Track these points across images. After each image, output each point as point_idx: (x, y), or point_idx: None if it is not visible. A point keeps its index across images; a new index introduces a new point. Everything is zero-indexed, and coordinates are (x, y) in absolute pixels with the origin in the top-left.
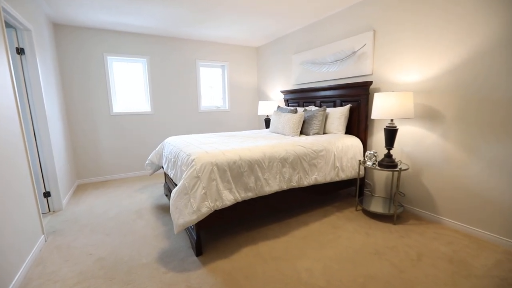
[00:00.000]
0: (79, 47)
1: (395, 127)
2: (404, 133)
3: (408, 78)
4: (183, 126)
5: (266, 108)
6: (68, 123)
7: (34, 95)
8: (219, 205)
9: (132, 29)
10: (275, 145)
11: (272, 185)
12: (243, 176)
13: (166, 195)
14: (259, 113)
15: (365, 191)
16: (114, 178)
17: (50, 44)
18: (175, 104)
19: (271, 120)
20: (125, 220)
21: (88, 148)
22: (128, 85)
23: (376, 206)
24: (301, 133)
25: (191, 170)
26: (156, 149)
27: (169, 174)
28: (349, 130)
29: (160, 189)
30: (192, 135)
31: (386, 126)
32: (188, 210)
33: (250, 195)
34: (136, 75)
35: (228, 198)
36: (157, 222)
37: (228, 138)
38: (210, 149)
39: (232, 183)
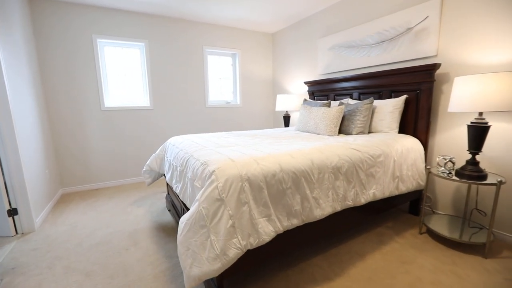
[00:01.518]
0: (63, 27)
1: (486, 123)
2: (492, 132)
3: (496, 58)
4: (188, 124)
5: (286, 102)
6: (48, 121)
7: None
8: (253, 242)
9: (127, 6)
10: (322, 148)
11: (324, 206)
12: (285, 195)
13: (169, 210)
14: (277, 109)
15: (423, 207)
16: (106, 186)
17: (21, 19)
18: (179, 98)
19: (299, 116)
20: (115, 249)
21: (74, 150)
22: (123, 75)
23: (450, 229)
24: (340, 132)
25: (210, 189)
26: (157, 152)
27: (173, 187)
28: (401, 129)
29: (161, 201)
30: (203, 134)
31: (473, 122)
32: (208, 253)
33: (295, 222)
34: (132, 64)
35: (266, 230)
36: (157, 252)
37: (252, 138)
38: (235, 155)
39: (270, 206)
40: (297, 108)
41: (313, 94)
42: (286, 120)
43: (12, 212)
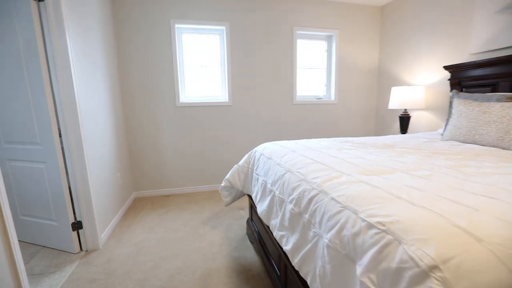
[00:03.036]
0: (140, 12)
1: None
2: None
3: None
4: (271, 124)
5: (404, 97)
6: (123, 118)
7: (60, 75)
8: None
9: None
10: None
11: None
12: None
13: (252, 243)
14: (391, 106)
15: None
16: (179, 192)
17: (98, 2)
18: (261, 93)
19: (453, 118)
20: None
21: (147, 151)
22: (200, 67)
23: None
24: None
25: None
26: (240, 163)
27: (264, 221)
28: None
29: (240, 223)
30: (304, 141)
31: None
32: None
33: None
34: (210, 53)
35: None
36: None
37: (390, 151)
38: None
39: None
40: (421, 106)
41: (459, 85)
42: (404, 122)
43: (77, 226)
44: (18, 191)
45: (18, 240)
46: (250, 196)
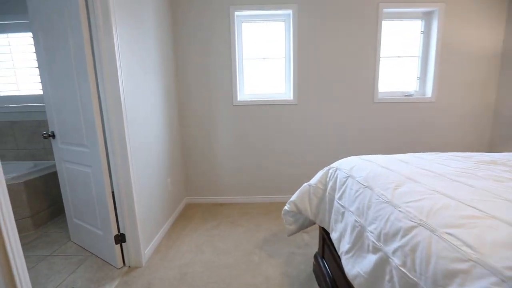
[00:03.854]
0: (197, 0)
1: None
2: None
3: None
4: (347, 126)
5: None
6: (178, 118)
7: (105, 74)
8: None
9: None
10: None
11: None
12: None
13: (319, 285)
14: None
15: None
16: (233, 201)
17: None
18: (334, 89)
19: None
20: None
21: (201, 154)
22: (261, 60)
23: None
24: None
25: None
26: (312, 182)
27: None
28: None
29: (303, 253)
30: (417, 157)
31: None
32: None
33: None
34: (273, 44)
35: None
36: None
37: None
38: None
39: None
40: None
41: None
42: None
43: (120, 239)
44: (71, 193)
45: (73, 242)
46: (326, 231)
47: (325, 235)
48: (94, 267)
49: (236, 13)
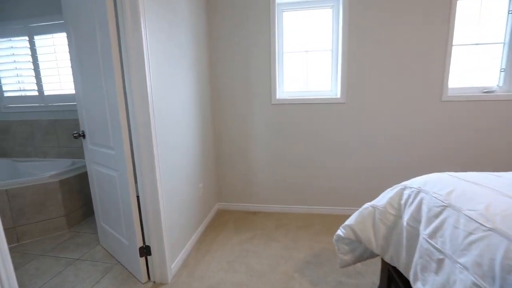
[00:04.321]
0: None
1: None
2: None
3: None
4: (407, 129)
5: None
6: (211, 117)
7: (132, 69)
8: None
9: None
10: None
11: None
12: None
13: None
14: None
15: None
16: (269, 210)
17: None
18: (392, 83)
19: None
20: None
21: (235, 157)
22: (303, 53)
23: None
24: None
25: None
26: (378, 203)
27: None
28: None
29: (356, 285)
30: None
31: None
32: None
33: None
34: (317, 35)
35: None
36: None
37: None
38: None
39: None
40: None
41: None
42: None
43: (145, 251)
44: (99, 196)
45: (101, 247)
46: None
47: (392, 272)
48: (118, 279)
49: (277, 0)
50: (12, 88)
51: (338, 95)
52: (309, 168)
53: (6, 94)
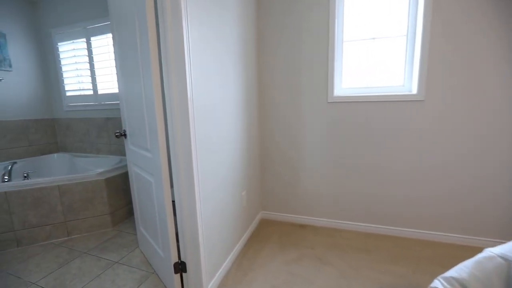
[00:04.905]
0: None
1: None
2: None
3: None
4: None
5: None
6: (258, 117)
7: (171, 65)
8: None
9: None
10: None
11: None
12: None
13: None
14: None
15: None
16: (319, 224)
17: None
18: (491, 78)
19: None
20: None
21: (282, 162)
22: (369, 40)
23: None
24: None
25: None
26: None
27: None
28: None
29: None
30: None
31: None
32: None
33: None
34: (386, 18)
35: None
36: None
37: None
38: None
39: None
40: None
41: None
42: None
43: (180, 268)
44: (138, 199)
45: (140, 251)
46: None
47: None
48: None
49: None
50: (73, 88)
51: (414, 91)
52: (373, 177)
53: (68, 94)
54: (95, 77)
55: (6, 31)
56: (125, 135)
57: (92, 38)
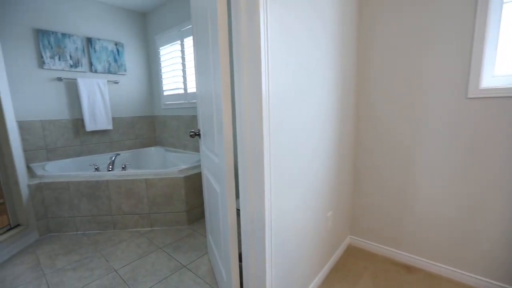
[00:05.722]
0: None
1: None
2: None
3: None
4: None
5: None
6: (354, 125)
7: (243, 64)
8: None
9: None
10: None
11: None
12: None
13: None
14: None
15: None
16: (430, 268)
17: None
18: None
19: None
20: None
21: (379, 174)
22: None
23: None
24: None
25: None
26: None
27: None
28: None
29: None
30: None
31: None
32: None
33: None
34: None
35: None
36: None
37: None
38: None
39: None
40: None
41: None
42: None
43: None
44: (208, 205)
45: (208, 260)
46: None
47: None
48: None
49: None
50: (169, 88)
51: None
52: None
53: (165, 93)
54: (186, 76)
55: (123, 41)
56: (199, 134)
57: (185, 40)
